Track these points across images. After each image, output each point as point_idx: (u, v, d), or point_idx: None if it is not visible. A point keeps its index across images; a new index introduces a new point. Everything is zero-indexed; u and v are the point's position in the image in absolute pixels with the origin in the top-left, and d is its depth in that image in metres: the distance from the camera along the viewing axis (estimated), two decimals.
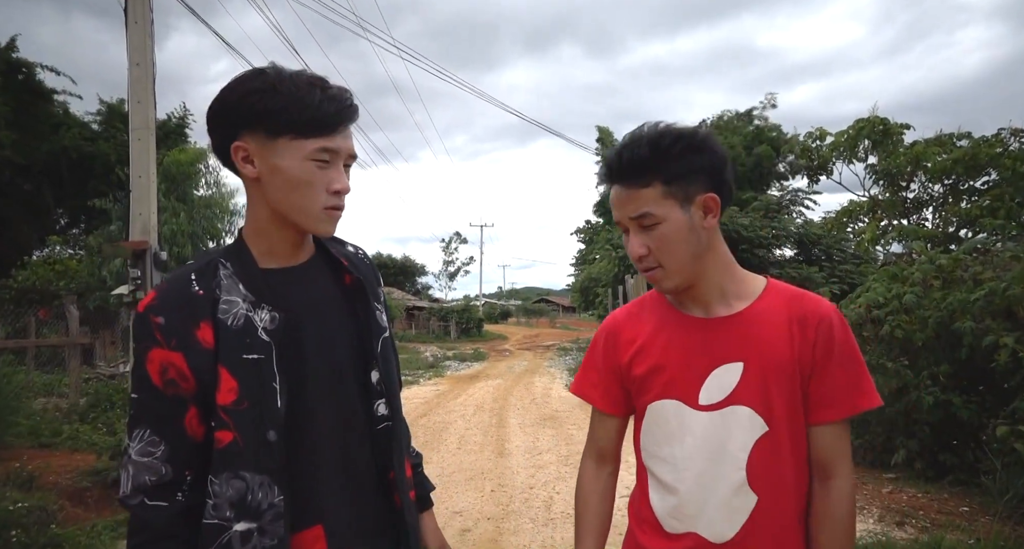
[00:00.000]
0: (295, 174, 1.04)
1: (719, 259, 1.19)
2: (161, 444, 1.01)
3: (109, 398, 6.80)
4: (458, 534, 4.32)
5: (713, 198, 1.14)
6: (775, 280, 1.23)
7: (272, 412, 1.02)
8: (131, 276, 6.78)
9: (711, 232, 1.16)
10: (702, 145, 1.14)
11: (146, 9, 6.90)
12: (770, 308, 1.17)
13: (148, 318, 1.02)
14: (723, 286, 1.19)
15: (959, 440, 5.17)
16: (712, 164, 1.14)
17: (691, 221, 1.13)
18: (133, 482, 1.01)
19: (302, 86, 1.03)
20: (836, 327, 1.13)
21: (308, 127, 1.03)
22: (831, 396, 1.13)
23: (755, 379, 1.14)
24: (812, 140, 15.24)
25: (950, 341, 5.17)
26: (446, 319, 35.79)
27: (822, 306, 1.16)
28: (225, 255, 1.11)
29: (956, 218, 11.82)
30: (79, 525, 4.20)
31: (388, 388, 1.18)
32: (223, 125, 1.06)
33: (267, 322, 1.05)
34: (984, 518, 4.27)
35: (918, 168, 12.32)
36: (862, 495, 4.92)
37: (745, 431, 1.14)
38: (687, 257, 1.15)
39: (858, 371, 1.14)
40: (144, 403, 1.03)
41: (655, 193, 1.12)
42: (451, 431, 8.08)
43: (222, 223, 14.05)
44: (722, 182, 1.15)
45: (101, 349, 10.93)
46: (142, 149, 6.93)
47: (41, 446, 5.71)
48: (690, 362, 1.18)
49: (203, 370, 1.02)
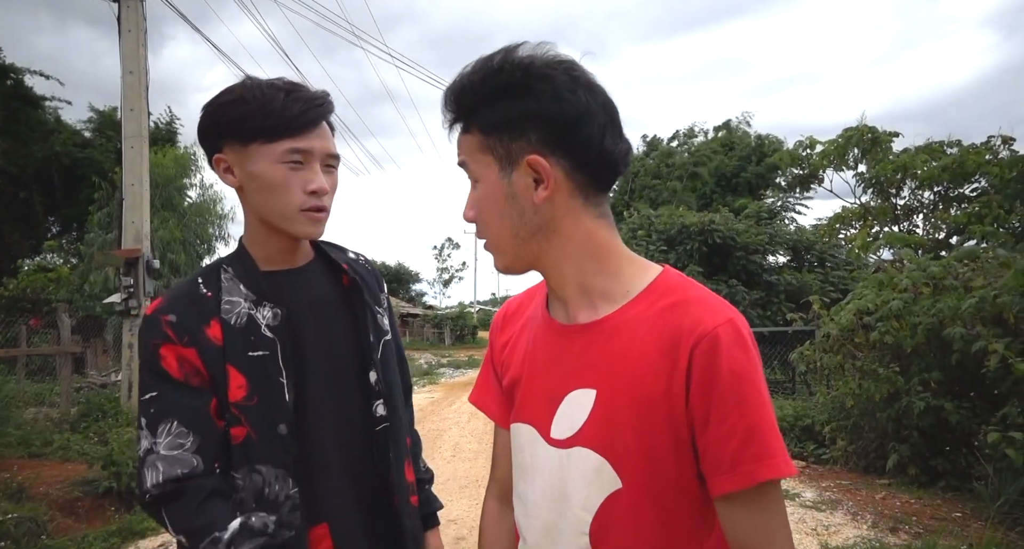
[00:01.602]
0: (268, 177, 1.06)
1: (574, 246, 0.84)
2: (190, 435, 1.01)
3: (101, 407, 6.74)
4: (452, 542, 4.31)
5: (537, 161, 0.79)
6: (673, 275, 0.86)
7: (281, 406, 1.05)
8: (123, 284, 6.76)
9: (548, 208, 0.82)
10: (530, 83, 0.79)
11: (139, 18, 6.91)
12: (640, 317, 0.82)
13: (158, 317, 1.05)
14: (584, 281, 0.86)
15: (951, 446, 5.20)
16: (546, 113, 0.79)
17: (510, 188, 0.82)
18: (165, 476, 0.99)
19: (267, 91, 1.06)
20: (723, 351, 0.76)
21: (275, 130, 1.05)
22: (721, 456, 0.76)
23: (606, 415, 0.82)
24: (803, 148, 15.36)
25: (940, 347, 5.21)
26: (440, 326, 35.74)
27: (704, 320, 0.78)
28: (227, 261, 1.14)
29: (946, 225, 11.92)
30: (70, 536, 4.17)
31: (388, 389, 1.19)
32: (205, 141, 1.12)
33: (270, 319, 1.09)
34: (976, 523, 4.29)
35: (907, 176, 12.43)
36: (856, 501, 4.94)
37: (591, 483, 0.83)
38: (505, 234, 0.85)
39: (752, 421, 0.75)
40: (166, 397, 1.03)
41: (474, 142, 0.84)
42: (445, 438, 8.06)
43: (213, 228, 14.02)
44: (567, 142, 0.80)
45: (93, 358, 10.86)
46: (135, 157, 6.92)
47: (31, 456, 5.66)
48: (545, 379, 0.90)
49: (214, 366, 1.04)
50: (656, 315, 0.81)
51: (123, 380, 6.96)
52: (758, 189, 22.55)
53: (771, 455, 0.75)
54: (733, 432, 0.75)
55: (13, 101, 15.32)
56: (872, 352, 5.71)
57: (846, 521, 4.53)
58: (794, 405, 7.32)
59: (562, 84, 0.79)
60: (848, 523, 4.48)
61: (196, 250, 13.49)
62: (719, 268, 11.93)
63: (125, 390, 6.88)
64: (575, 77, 0.80)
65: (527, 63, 0.80)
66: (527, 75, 0.79)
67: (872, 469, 5.71)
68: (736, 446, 0.75)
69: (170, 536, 1.13)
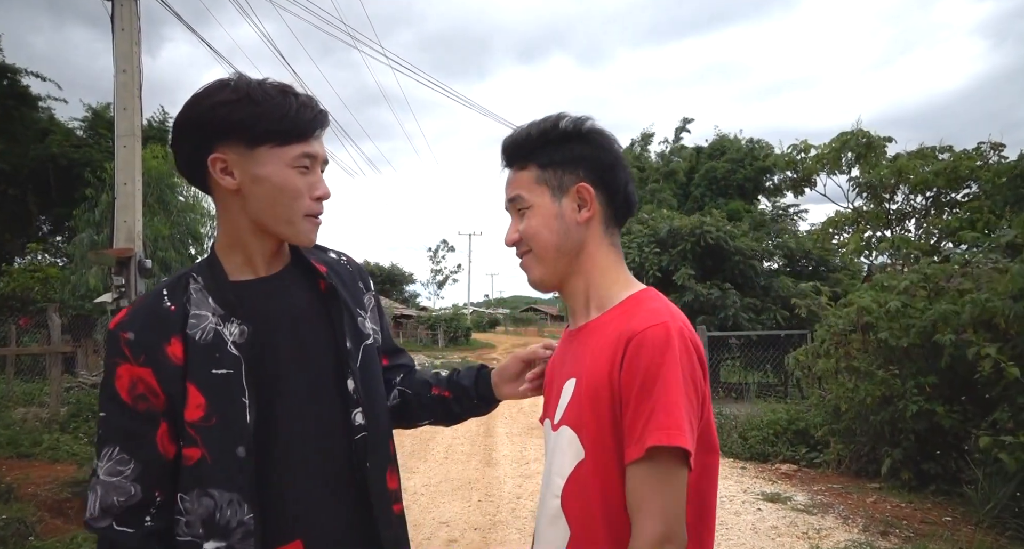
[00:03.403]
0: (279, 181, 1.04)
1: (593, 264, 1.10)
2: (131, 462, 0.99)
3: (91, 407, 6.69)
4: (445, 544, 4.29)
5: (586, 188, 1.07)
6: (649, 292, 1.08)
7: (241, 427, 1.01)
8: (115, 284, 6.72)
9: (584, 229, 1.08)
10: (585, 135, 1.09)
11: (133, 16, 6.88)
12: (610, 321, 1.04)
13: (117, 334, 1.02)
14: (588, 293, 1.11)
15: (942, 450, 5.23)
16: (594, 156, 1.09)
17: (560, 210, 1.08)
18: (101, 503, 0.99)
19: (276, 95, 1.04)
20: (645, 348, 0.94)
21: (288, 134, 1.04)
22: (631, 431, 0.94)
23: (578, 398, 1.03)
24: (796, 152, 15.43)
25: (933, 351, 5.24)
26: (434, 328, 35.68)
27: (640, 323, 0.97)
28: (197, 270, 1.10)
29: (938, 230, 11.99)
30: (59, 537, 4.13)
31: (366, 396, 1.14)
32: (194, 138, 1.05)
33: (236, 336, 1.04)
34: (967, 527, 4.31)
35: (901, 180, 12.51)
36: (847, 504, 4.95)
37: (566, 455, 1.03)
38: (551, 248, 1.08)
39: (660, 402, 0.91)
40: (112, 421, 1.01)
41: (529, 177, 1.09)
42: (438, 441, 8.04)
43: (204, 227, 13.95)
44: (606, 179, 1.09)
45: (83, 358, 10.78)
46: (128, 156, 6.88)
47: (20, 456, 5.62)
48: (555, 376, 1.15)
49: (171, 386, 1.01)
50: (621, 320, 1.02)
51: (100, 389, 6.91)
52: (750, 192, 22.65)
53: (661, 427, 0.90)
54: (641, 412, 0.92)
55: (9, 100, 15.26)
56: (867, 355, 5.74)
57: (837, 525, 4.54)
58: (787, 409, 7.35)
59: (608, 139, 1.10)
60: (839, 527, 4.50)
61: (187, 248, 13.41)
62: (713, 271, 11.96)
63: None
64: (612, 138, 1.11)
65: (583, 121, 1.10)
66: (583, 127, 1.10)
67: (864, 473, 5.73)
68: (642, 424, 0.92)
69: None
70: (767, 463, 6.55)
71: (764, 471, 6.25)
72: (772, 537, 4.34)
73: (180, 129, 1.06)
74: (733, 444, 7.03)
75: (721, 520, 4.72)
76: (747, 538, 4.33)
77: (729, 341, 10.34)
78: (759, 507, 5.02)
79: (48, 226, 18.73)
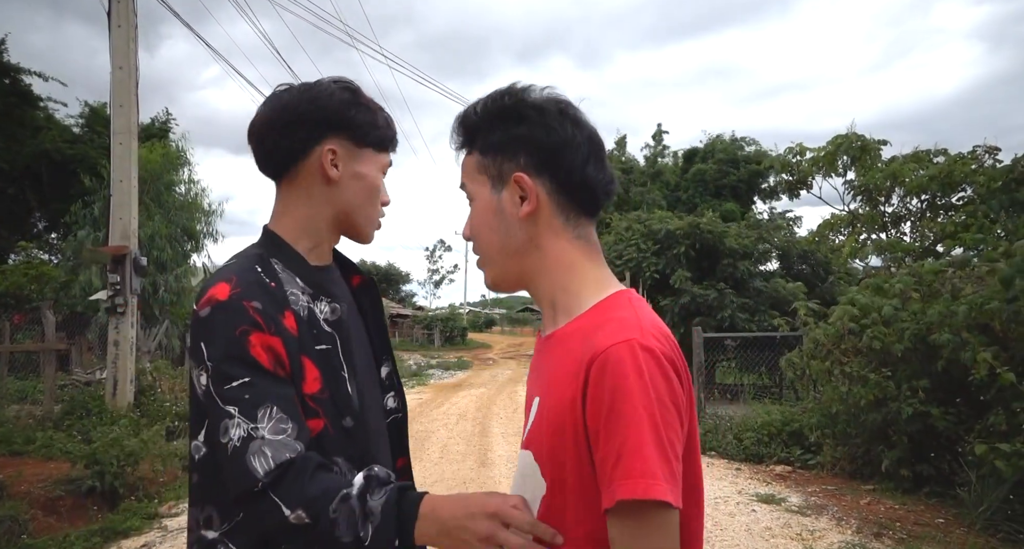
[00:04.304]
0: (372, 182, 1.16)
1: (554, 262, 0.93)
2: (290, 422, 0.96)
3: (85, 405, 6.67)
4: None
5: (522, 178, 0.90)
6: (621, 297, 0.91)
7: (346, 400, 1.06)
8: (110, 281, 6.69)
9: (530, 225, 0.92)
10: (525, 111, 0.91)
11: (129, 13, 6.86)
12: (577, 332, 0.88)
13: (242, 304, 0.98)
14: (554, 297, 0.94)
15: (936, 452, 5.25)
16: (533, 138, 0.90)
17: (499, 204, 0.93)
18: (275, 460, 0.92)
19: (377, 108, 1.18)
20: (607, 374, 0.78)
21: (384, 143, 1.18)
22: (601, 474, 0.78)
23: (539, 420, 0.88)
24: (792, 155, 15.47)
25: (927, 354, 5.25)
26: (430, 327, 35.66)
27: (602, 340, 0.81)
28: (270, 253, 1.11)
29: (933, 233, 12.03)
30: (52, 535, 4.12)
31: (397, 382, 1.29)
32: (310, 126, 1.10)
33: (328, 313, 1.10)
34: (959, 529, 4.33)
35: (896, 184, 12.55)
36: (841, 506, 4.97)
37: (530, 483, 0.88)
38: (494, 248, 0.95)
39: (627, 443, 0.75)
40: (261, 385, 0.96)
41: (472, 164, 0.96)
42: (433, 440, 8.04)
43: (201, 224, 13.90)
44: (551, 164, 0.90)
45: (78, 355, 10.73)
46: (123, 153, 6.86)
47: (13, 454, 5.59)
48: (529, 388, 0.99)
49: (294, 357, 1.01)
50: (586, 332, 0.86)
51: (108, 378, 6.89)
52: (744, 194, 22.70)
53: (630, 476, 0.75)
54: (608, 454, 0.77)
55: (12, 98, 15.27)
56: (859, 358, 5.76)
57: (831, 526, 4.56)
58: (781, 410, 7.37)
59: (551, 116, 0.91)
60: (833, 528, 4.51)
61: (181, 246, 13.35)
62: (708, 273, 11.98)
63: (110, 388, 6.80)
64: (564, 111, 0.92)
65: (523, 95, 0.92)
66: (522, 104, 0.91)
67: (858, 474, 5.75)
68: (612, 464, 0.77)
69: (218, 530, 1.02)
70: (761, 464, 6.57)
71: (758, 472, 6.27)
72: (766, 538, 4.35)
73: (296, 116, 1.10)
74: (728, 445, 7.04)
75: (715, 521, 4.72)
76: (741, 539, 4.34)
77: (725, 342, 10.36)
78: (753, 508, 5.03)
79: (43, 223, 18.66)
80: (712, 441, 7.25)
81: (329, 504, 0.90)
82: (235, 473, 0.93)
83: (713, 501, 5.24)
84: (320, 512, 0.90)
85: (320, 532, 0.90)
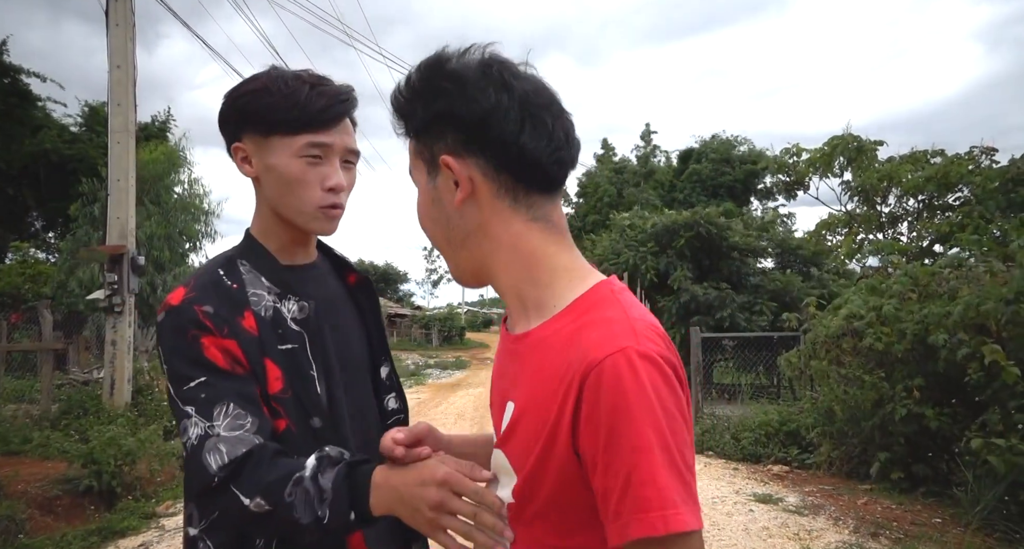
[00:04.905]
0: (285, 171, 1.05)
1: (510, 253, 0.81)
2: (248, 417, 0.95)
3: (82, 405, 6.66)
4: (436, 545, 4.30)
5: (447, 161, 0.78)
6: (603, 289, 0.80)
7: (314, 399, 1.04)
8: (107, 281, 6.68)
9: (472, 211, 0.80)
10: (441, 84, 0.78)
11: (127, 12, 6.85)
12: (558, 334, 0.77)
13: (192, 308, 0.99)
14: (519, 290, 0.83)
15: (932, 452, 5.26)
16: (456, 112, 0.77)
17: (436, 192, 0.82)
18: (230, 456, 0.92)
19: (293, 83, 1.05)
20: (605, 390, 0.68)
21: (297, 123, 1.03)
22: (607, 506, 0.69)
23: (515, 431, 0.79)
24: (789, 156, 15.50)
25: (925, 354, 5.26)
26: (428, 327, 35.65)
27: (593, 350, 0.70)
28: (239, 254, 1.11)
29: (930, 233, 12.06)
30: (48, 535, 4.12)
31: (397, 382, 1.25)
32: (225, 129, 1.10)
33: (295, 312, 1.07)
34: (956, 529, 4.34)
35: (893, 184, 12.57)
36: (838, 506, 4.98)
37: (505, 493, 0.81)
38: (439, 240, 0.86)
39: (631, 467, 0.66)
40: (216, 383, 0.96)
41: (411, 148, 0.85)
42: None
43: (199, 224, 13.89)
44: (480, 140, 0.77)
45: (75, 354, 10.71)
46: (121, 152, 6.85)
47: (10, 453, 5.58)
48: (496, 389, 0.91)
49: (253, 358, 1.00)
50: (570, 335, 0.75)
51: (106, 377, 6.88)
52: (740, 194, 22.73)
53: (644, 509, 0.65)
54: (614, 482, 0.68)
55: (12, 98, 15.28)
56: (858, 358, 5.77)
57: (828, 526, 4.57)
58: (779, 410, 7.38)
59: (471, 83, 0.77)
60: (830, 528, 4.52)
61: (179, 246, 13.34)
62: (710, 270, 11.97)
63: (107, 387, 6.79)
64: (488, 75, 0.77)
65: (437, 64, 0.79)
66: (436, 75, 0.78)
67: (855, 474, 5.76)
68: (618, 497, 0.67)
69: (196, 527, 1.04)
70: (759, 464, 6.58)
71: (756, 472, 6.28)
72: (763, 538, 4.35)
73: (218, 120, 1.11)
74: (725, 445, 7.05)
75: (713, 521, 4.73)
76: (738, 539, 4.35)
77: (723, 342, 10.37)
78: (751, 508, 5.04)
79: (40, 222, 18.63)
80: (710, 441, 7.26)
81: (284, 488, 0.90)
82: (193, 470, 0.95)
83: (710, 501, 5.24)
84: (277, 498, 0.90)
85: (280, 517, 0.90)
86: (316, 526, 0.89)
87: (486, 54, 0.80)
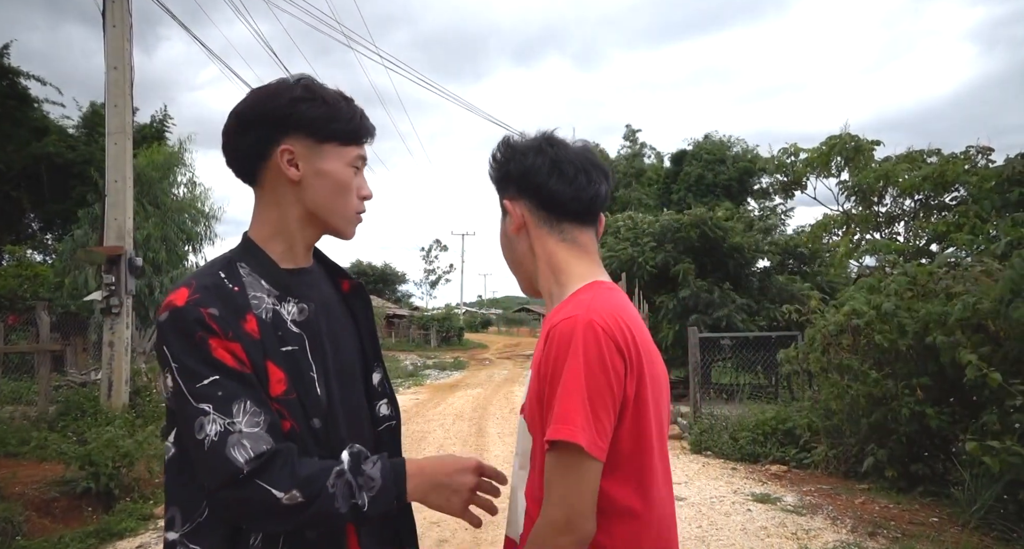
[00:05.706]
0: (339, 178, 1.13)
1: (545, 263, 1.17)
2: (262, 414, 0.98)
3: (80, 406, 6.64)
4: (435, 544, 4.30)
5: (505, 203, 1.18)
6: (597, 285, 1.13)
7: (315, 401, 1.07)
8: (105, 282, 6.67)
9: (523, 237, 1.18)
10: (508, 154, 1.19)
11: (124, 13, 6.84)
12: (551, 316, 1.09)
13: (198, 311, 1.00)
14: (550, 291, 1.17)
15: (930, 451, 5.27)
16: (510, 173, 1.17)
17: (504, 228, 1.21)
18: (255, 450, 0.95)
19: (341, 99, 1.15)
20: (553, 341, 1.01)
21: (351, 136, 1.15)
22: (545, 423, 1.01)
23: (529, 390, 1.11)
24: (787, 156, 15.53)
25: (925, 353, 5.27)
26: (427, 327, 35.61)
27: (557, 317, 1.04)
28: (237, 257, 1.12)
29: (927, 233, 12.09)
30: (46, 537, 4.11)
31: (389, 389, 1.27)
32: (264, 129, 1.10)
33: (295, 314, 1.10)
34: (953, 528, 4.35)
35: (889, 184, 12.61)
36: (836, 505, 4.99)
37: (523, 441, 1.11)
38: (509, 262, 1.24)
39: (558, 394, 0.97)
40: (230, 382, 0.99)
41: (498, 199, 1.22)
42: (430, 441, 8.04)
43: (199, 226, 13.87)
44: (525, 187, 1.16)
45: (72, 356, 10.69)
46: (118, 153, 6.84)
47: (8, 455, 5.57)
48: None
49: (257, 360, 1.02)
50: (555, 312, 1.08)
51: (103, 379, 6.87)
52: (737, 194, 22.74)
53: (555, 420, 0.96)
54: (551, 404, 0.98)
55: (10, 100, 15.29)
56: (858, 355, 5.77)
57: (826, 525, 4.57)
58: (777, 409, 7.39)
59: (520, 152, 1.17)
60: (828, 527, 4.53)
61: (177, 248, 13.31)
62: (711, 270, 11.98)
63: (105, 389, 6.78)
64: (532, 146, 1.16)
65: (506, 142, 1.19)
66: (503, 148, 1.19)
67: (852, 474, 5.77)
68: (550, 413, 0.98)
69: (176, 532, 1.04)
70: (757, 464, 6.59)
71: (754, 472, 6.29)
72: (761, 537, 4.36)
73: (247, 120, 1.11)
74: (723, 445, 7.06)
75: (711, 520, 4.74)
76: (737, 538, 4.36)
77: (721, 342, 10.38)
78: (749, 508, 5.05)
79: (38, 224, 18.59)
80: (708, 441, 7.27)
81: (326, 480, 0.97)
82: (214, 465, 0.95)
83: (709, 500, 5.25)
84: (318, 490, 0.96)
85: (315, 509, 0.96)
86: (353, 513, 0.98)
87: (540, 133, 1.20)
